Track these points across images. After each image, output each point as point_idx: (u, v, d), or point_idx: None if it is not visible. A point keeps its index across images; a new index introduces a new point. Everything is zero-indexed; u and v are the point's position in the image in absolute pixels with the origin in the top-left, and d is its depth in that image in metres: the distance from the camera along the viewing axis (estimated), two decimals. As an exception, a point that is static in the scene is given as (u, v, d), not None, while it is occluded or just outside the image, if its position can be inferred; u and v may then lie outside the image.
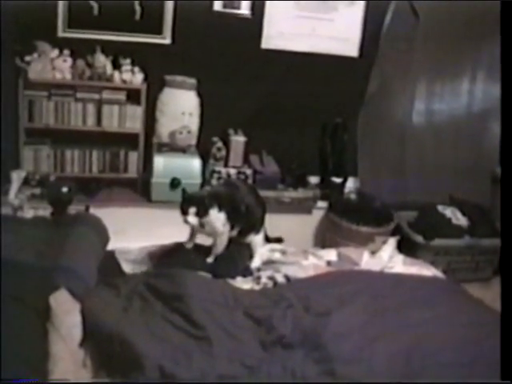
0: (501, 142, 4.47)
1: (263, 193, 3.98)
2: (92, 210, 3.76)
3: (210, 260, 3.00)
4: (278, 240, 3.44)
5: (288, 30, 4.46)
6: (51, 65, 4.01)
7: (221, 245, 3.00)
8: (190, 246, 3.06)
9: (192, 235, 3.07)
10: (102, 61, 4.09)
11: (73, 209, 3.47)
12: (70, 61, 4.05)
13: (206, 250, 3.04)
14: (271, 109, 4.52)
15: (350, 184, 4.85)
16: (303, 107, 4.58)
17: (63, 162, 4.27)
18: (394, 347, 2.33)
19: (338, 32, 4.54)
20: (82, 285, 2.50)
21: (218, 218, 2.89)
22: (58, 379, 1.98)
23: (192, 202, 2.82)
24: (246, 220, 3.06)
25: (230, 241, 3.05)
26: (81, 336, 2.24)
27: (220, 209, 2.88)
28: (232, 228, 3.00)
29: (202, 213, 2.81)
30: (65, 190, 3.41)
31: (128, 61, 4.15)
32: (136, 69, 4.18)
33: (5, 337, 1.90)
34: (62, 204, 3.37)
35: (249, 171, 4.52)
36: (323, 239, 4.62)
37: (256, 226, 3.14)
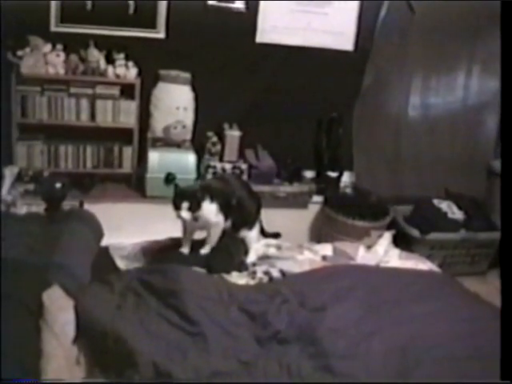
0: (501, 135, 4.48)
1: (259, 187, 3.98)
2: (86, 206, 3.76)
3: (204, 251, 2.98)
4: (276, 235, 3.42)
5: (283, 24, 4.43)
6: (44, 60, 3.98)
7: (215, 235, 2.99)
8: (186, 251, 3.03)
9: (185, 238, 3.04)
10: (96, 55, 4.06)
11: (67, 205, 3.45)
12: (63, 55, 4.02)
13: (200, 245, 3.02)
14: (266, 103, 4.50)
15: (346, 178, 4.84)
16: (298, 101, 4.56)
17: (57, 157, 4.25)
18: (389, 342, 2.32)
19: (332, 26, 4.52)
20: (76, 281, 2.48)
21: (209, 209, 2.87)
22: (52, 379, 1.97)
23: (184, 196, 2.80)
24: (238, 214, 3.04)
25: (224, 234, 3.03)
26: (74, 333, 2.22)
27: (212, 200, 2.87)
28: (226, 219, 2.99)
29: (194, 207, 2.79)
30: (58, 185, 3.39)
31: (122, 55, 4.13)
32: (130, 63, 4.16)
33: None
34: (56, 200, 3.35)
35: (244, 166, 4.51)
36: (319, 234, 4.61)
37: (249, 221, 3.12)
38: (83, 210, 3.59)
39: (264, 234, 3.34)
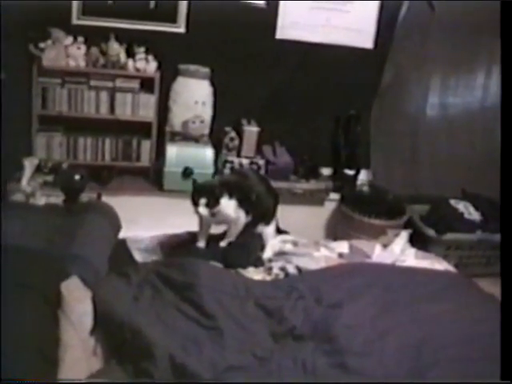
0: (501, 136, 4.46)
1: (276, 184, 3.97)
2: (104, 198, 3.76)
3: (223, 244, 3.00)
4: (284, 233, 3.43)
5: (303, 20, 4.43)
6: (65, 52, 4.01)
7: (236, 230, 3.00)
8: (202, 245, 3.05)
9: (201, 232, 3.05)
10: (116, 49, 4.08)
11: (85, 196, 3.47)
12: (84, 48, 4.05)
13: (217, 239, 3.04)
14: (285, 99, 4.51)
15: (363, 176, 4.83)
16: (317, 98, 4.57)
17: (76, 149, 4.28)
18: (404, 341, 2.32)
19: (352, 23, 4.51)
20: (93, 273, 2.49)
21: (228, 205, 2.88)
22: (65, 379, 1.98)
23: (202, 192, 2.81)
24: (256, 209, 3.04)
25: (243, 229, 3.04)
26: (91, 324, 2.24)
27: (230, 196, 2.87)
28: (247, 214, 2.99)
29: (212, 203, 2.80)
30: (77, 177, 3.41)
31: (142, 49, 4.15)
32: (150, 57, 4.18)
33: (15, 324, 1.90)
34: (74, 192, 3.38)
35: (261, 162, 4.51)
36: (335, 231, 4.61)
37: (266, 216, 3.13)
38: (101, 202, 3.60)
39: (278, 229, 3.35)
